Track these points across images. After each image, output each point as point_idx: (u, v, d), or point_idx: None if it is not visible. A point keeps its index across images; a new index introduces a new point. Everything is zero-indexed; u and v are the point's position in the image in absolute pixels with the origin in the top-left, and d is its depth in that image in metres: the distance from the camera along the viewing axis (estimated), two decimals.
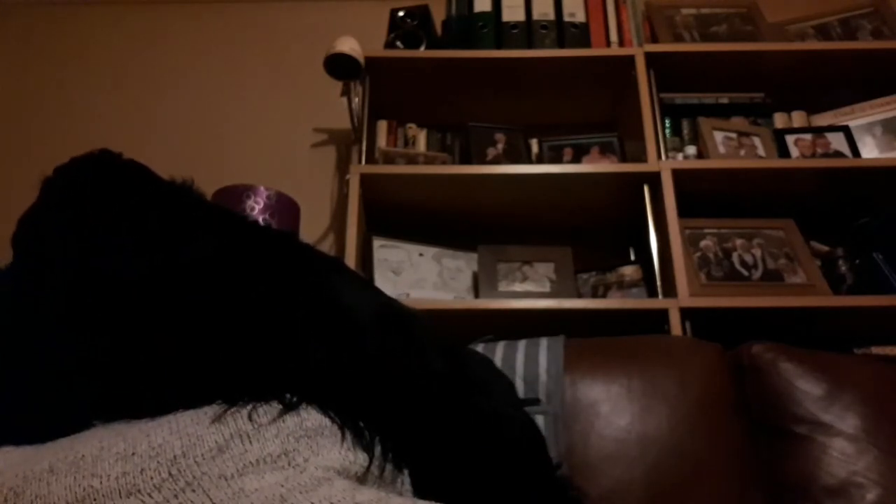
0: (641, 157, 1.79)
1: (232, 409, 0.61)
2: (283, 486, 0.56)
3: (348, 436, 0.64)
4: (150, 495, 0.54)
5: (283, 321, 0.69)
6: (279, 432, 0.60)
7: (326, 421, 0.64)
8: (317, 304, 0.72)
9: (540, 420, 1.15)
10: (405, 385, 0.69)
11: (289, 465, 0.58)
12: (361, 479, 0.62)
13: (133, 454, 0.57)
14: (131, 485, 0.55)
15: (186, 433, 0.58)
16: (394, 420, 0.67)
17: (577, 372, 1.23)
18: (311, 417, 0.63)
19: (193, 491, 0.54)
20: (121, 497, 0.54)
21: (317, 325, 0.70)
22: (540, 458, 0.77)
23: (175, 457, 0.56)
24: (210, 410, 0.62)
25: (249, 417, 0.61)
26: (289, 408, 0.63)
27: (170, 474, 0.55)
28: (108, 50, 2.42)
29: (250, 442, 0.59)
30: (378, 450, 0.65)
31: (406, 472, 0.66)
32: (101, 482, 0.54)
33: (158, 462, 0.56)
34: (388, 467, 0.65)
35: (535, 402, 1.16)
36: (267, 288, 0.72)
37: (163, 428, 0.59)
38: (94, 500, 0.53)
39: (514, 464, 0.71)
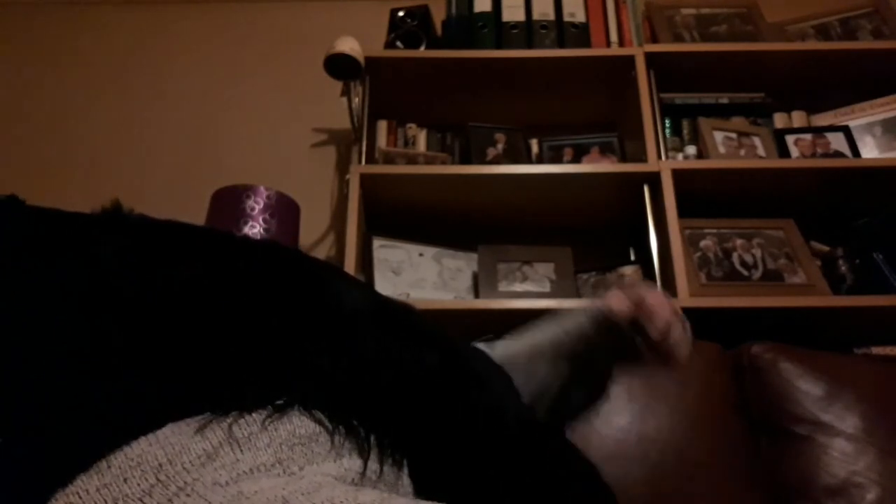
0: (641, 157, 1.79)
1: (217, 418, 0.58)
2: (284, 488, 0.54)
3: (345, 441, 0.62)
4: (140, 500, 0.50)
5: (276, 323, 0.68)
6: (271, 441, 0.57)
7: (319, 428, 0.61)
8: (309, 304, 0.71)
9: None
10: (401, 382, 0.68)
11: (284, 472, 0.56)
12: (359, 483, 0.61)
13: (109, 467, 0.53)
14: (117, 493, 0.51)
15: (169, 443, 0.55)
16: (390, 417, 0.65)
17: None
18: (304, 425, 0.61)
19: (188, 496, 0.51)
20: None
21: (310, 325, 0.69)
22: (542, 453, 0.76)
23: (160, 464, 0.53)
24: (192, 422, 0.58)
25: (238, 426, 0.57)
26: (277, 410, 0.60)
27: (158, 480, 0.52)
28: (108, 50, 2.42)
29: (241, 451, 0.56)
30: (376, 451, 0.63)
31: (406, 472, 0.65)
32: (80, 497, 0.51)
33: (143, 470, 0.52)
34: (388, 468, 0.64)
35: None
36: (259, 292, 0.71)
37: (139, 442, 0.55)
38: None
39: (513, 459, 0.71)
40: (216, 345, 0.65)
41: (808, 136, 1.86)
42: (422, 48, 1.95)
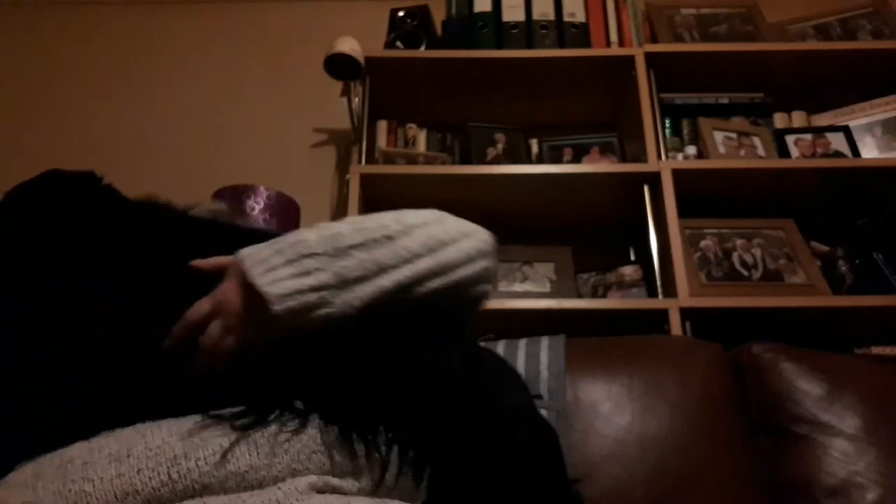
0: (641, 157, 1.79)
1: (238, 417, 0.59)
2: (280, 489, 0.55)
3: (362, 448, 0.60)
4: (147, 501, 0.52)
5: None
6: (290, 447, 0.58)
7: (341, 438, 0.60)
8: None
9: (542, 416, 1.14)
10: (427, 390, 0.66)
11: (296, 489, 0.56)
12: (372, 493, 0.60)
13: (128, 456, 0.55)
14: (128, 485, 0.53)
15: (187, 432, 0.57)
16: (412, 425, 0.64)
17: (577, 371, 1.23)
18: (326, 432, 0.60)
19: (191, 498, 0.53)
20: (116, 499, 0.52)
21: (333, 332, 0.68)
22: (552, 462, 0.75)
23: (175, 457, 0.55)
24: (214, 419, 0.59)
25: (258, 428, 0.58)
26: (299, 415, 0.60)
27: (169, 477, 0.54)
28: (108, 50, 2.42)
29: (258, 454, 0.56)
30: (396, 462, 0.61)
31: (425, 482, 0.64)
32: (93, 486, 0.53)
33: (157, 462, 0.54)
34: (408, 479, 0.62)
35: (538, 398, 1.15)
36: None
37: (161, 429, 0.57)
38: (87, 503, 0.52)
39: (524, 468, 0.70)
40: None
41: (808, 136, 1.86)
42: (422, 48, 1.94)
